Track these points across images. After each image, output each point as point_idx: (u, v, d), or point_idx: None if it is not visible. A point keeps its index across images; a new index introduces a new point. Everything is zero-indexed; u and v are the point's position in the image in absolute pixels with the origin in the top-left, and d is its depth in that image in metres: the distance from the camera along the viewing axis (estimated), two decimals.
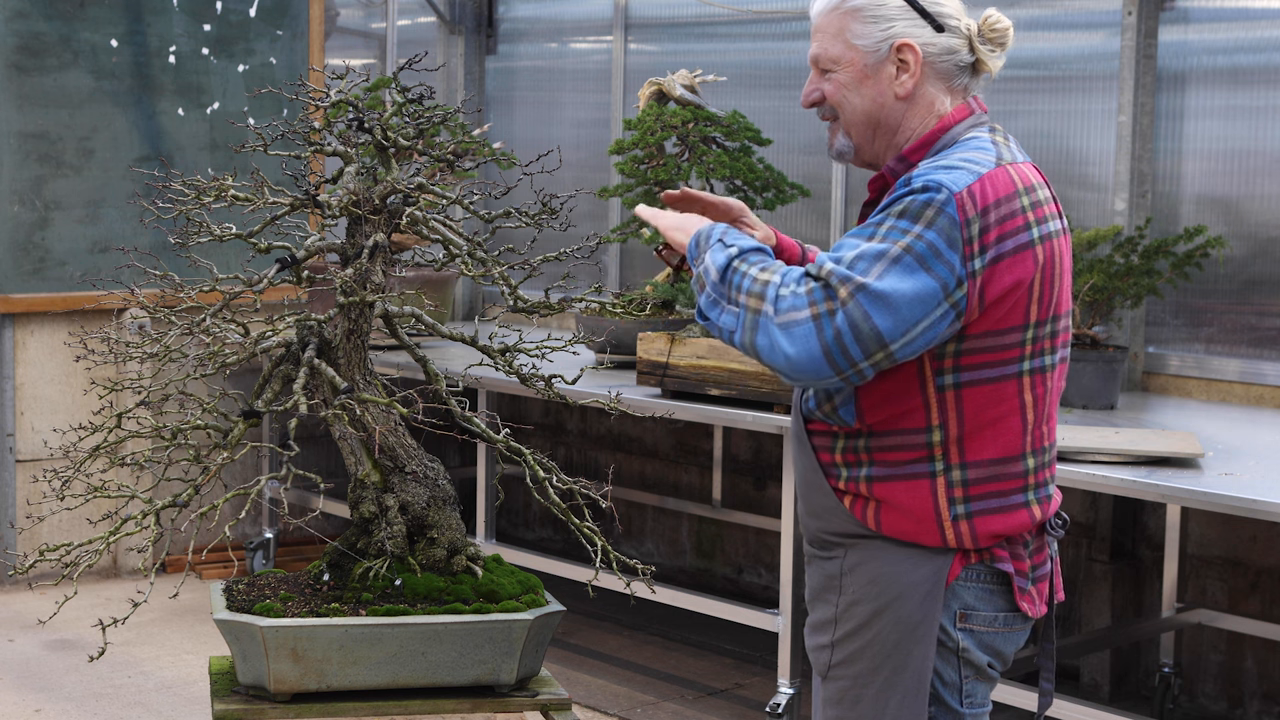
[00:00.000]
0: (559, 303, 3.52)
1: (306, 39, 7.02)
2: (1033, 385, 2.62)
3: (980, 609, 2.66)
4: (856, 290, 2.46)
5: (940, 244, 2.49)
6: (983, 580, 2.66)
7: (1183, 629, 5.24)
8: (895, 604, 2.64)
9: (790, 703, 4.86)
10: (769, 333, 2.50)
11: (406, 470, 3.45)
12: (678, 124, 5.56)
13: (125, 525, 3.25)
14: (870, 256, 2.49)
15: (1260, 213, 5.17)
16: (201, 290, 3.48)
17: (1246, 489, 3.89)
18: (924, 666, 2.64)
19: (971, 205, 2.51)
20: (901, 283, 2.47)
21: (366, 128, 3.44)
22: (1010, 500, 2.64)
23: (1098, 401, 4.88)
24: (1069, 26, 5.63)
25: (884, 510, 2.65)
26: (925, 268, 2.48)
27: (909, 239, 2.49)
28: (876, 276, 2.46)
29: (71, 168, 6.52)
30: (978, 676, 2.70)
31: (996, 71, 2.72)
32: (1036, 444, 2.65)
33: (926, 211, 2.50)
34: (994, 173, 2.56)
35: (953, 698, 2.68)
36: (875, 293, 2.46)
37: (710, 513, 6.62)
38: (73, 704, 5.23)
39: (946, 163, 2.57)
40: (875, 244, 2.50)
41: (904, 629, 2.64)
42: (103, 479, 3.36)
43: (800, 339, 2.47)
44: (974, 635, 2.67)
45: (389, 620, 3.29)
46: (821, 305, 2.47)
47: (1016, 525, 2.64)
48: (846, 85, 2.68)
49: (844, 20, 2.67)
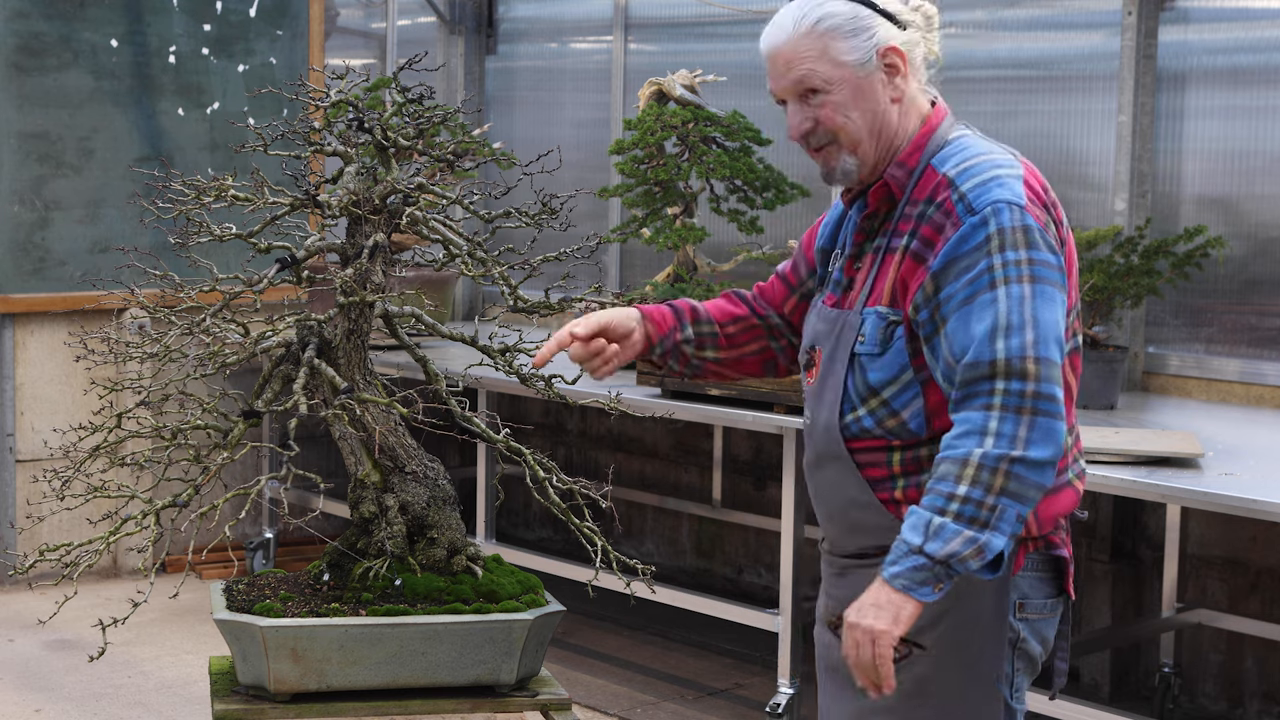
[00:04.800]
0: (559, 303, 3.52)
1: (306, 39, 7.02)
2: (1072, 366, 2.64)
3: (1033, 597, 2.65)
4: (1037, 354, 2.46)
5: (1048, 256, 2.53)
6: (1038, 569, 2.65)
7: (1183, 629, 5.24)
8: (964, 600, 2.58)
9: (790, 703, 4.86)
10: (1026, 467, 2.43)
11: (406, 470, 3.45)
12: (678, 124, 5.56)
13: (125, 525, 3.25)
14: (1016, 306, 2.48)
15: (1260, 213, 5.17)
16: (201, 290, 3.48)
17: (1246, 489, 3.89)
18: (996, 664, 2.61)
19: (1037, 208, 2.56)
20: (1049, 313, 2.50)
21: (366, 128, 3.44)
22: (1061, 479, 2.65)
23: (1098, 401, 4.88)
24: (1069, 26, 5.63)
25: None
26: (1051, 284, 2.51)
27: (1026, 268, 2.51)
28: (1033, 324, 2.47)
29: (71, 168, 6.52)
30: (1027, 669, 2.68)
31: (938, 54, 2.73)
32: (1069, 420, 2.64)
33: (1018, 234, 2.52)
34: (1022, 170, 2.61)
35: (1005, 688, 2.64)
36: (1043, 339, 2.47)
37: (710, 513, 6.61)
38: (73, 704, 5.23)
39: (980, 177, 2.57)
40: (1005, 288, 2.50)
41: (978, 625, 2.60)
42: (103, 479, 3.36)
43: (1043, 437, 2.45)
44: (1029, 624, 2.65)
45: (389, 620, 3.29)
46: (1025, 400, 2.44)
47: (1067, 503, 2.66)
48: (844, 104, 2.64)
49: (824, 41, 2.63)
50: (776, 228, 6.21)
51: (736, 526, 6.66)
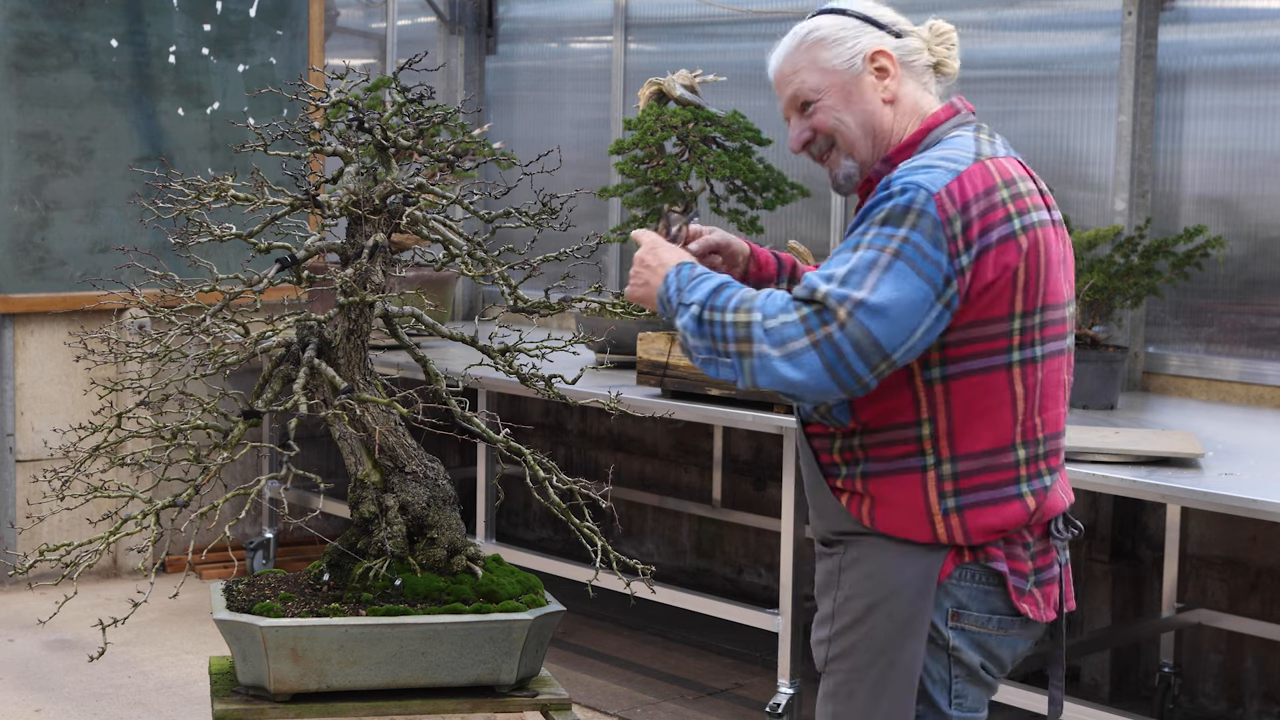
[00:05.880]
0: (559, 303, 3.52)
1: (306, 39, 7.02)
2: (1023, 376, 2.62)
3: (973, 609, 2.66)
4: (855, 308, 2.48)
5: (926, 245, 2.51)
6: (977, 580, 2.66)
7: (1183, 629, 5.24)
8: (888, 600, 2.65)
9: (790, 703, 4.86)
10: (770, 369, 2.52)
11: (406, 470, 3.45)
12: (678, 124, 5.56)
13: (125, 525, 3.25)
14: (862, 269, 2.51)
15: (1260, 213, 5.17)
16: (201, 290, 3.48)
17: (1246, 489, 3.89)
18: (914, 663, 2.64)
19: (951, 203, 2.53)
20: (896, 291, 2.49)
21: (366, 128, 3.44)
22: (1001, 492, 2.63)
23: (1098, 401, 4.88)
24: (1069, 26, 5.63)
25: (878, 506, 2.66)
26: (916, 271, 2.50)
27: (895, 243, 2.51)
28: (871, 289, 2.49)
29: (71, 168, 6.52)
30: (969, 678, 2.69)
31: (957, 71, 2.78)
32: (1029, 435, 2.64)
33: (909, 215, 2.52)
34: (971, 169, 2.59)
35: (941, 696, 2.67)
36: (873, 307, 2.48)
37: (710, 513, 6.62)
38: (73, 704, 5.23)
39: (924, 162, 2.60)
40: (863, 253, 2.52)
41: (895, 625, 2.64)
42: (103, 479, 3.36)
43: (805, 366, 2.50)
44: (966, 634, 2.66)
45: (389, 620, 3.28)
46: (819, 331, 2.49)
47: (1009, 518, 2.63)
48: (835, 107, 2.73)
49: (811, 52, 2.75)
50: (776, 228, 6.21)
51: (736, 526, 6.66)
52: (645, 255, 2.75)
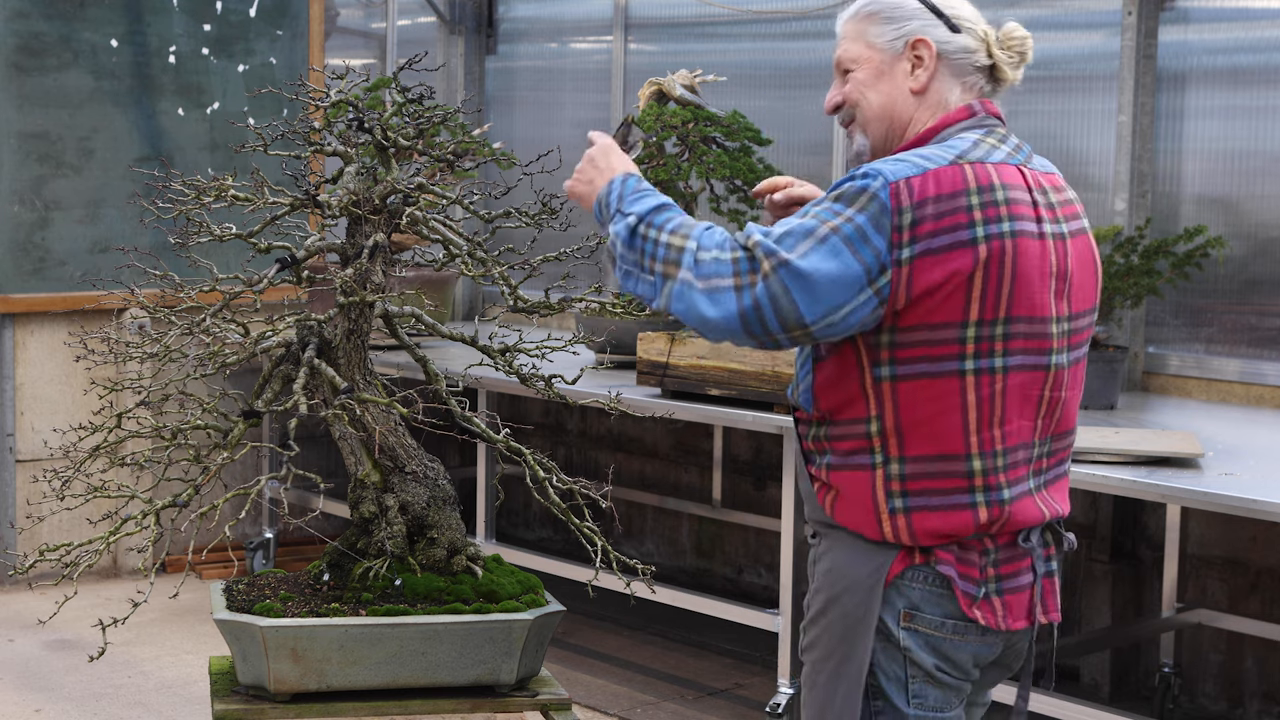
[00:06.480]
0: (559, 303, 3.52)
1: (306, 39, 7.02)
2: (977, 385, 2.57)
3: (925, 611, 2.63)
4: (779, 265, 2.51)
5: (868, 228, 2.51)
6: (929, 582, 2.63)
7: (1183, 629, 5.24)
8: (843, 596, 2.67)
9: (790, 703, 4.86)
10: (687, 298, 2.56)
11: (406, 470, 3.45)
12: (678, 124, 5.56)
13: (125, 525, 3.25)
14: (798, 234, 2.53)
15: (1260, 213, 5.17)
16: (201, 290, 3.48)
17: (1246, 489, 3.89)
18: (864, 660, 2.64)
19: (907, 196, 2.53)
20: (824, 263, 2.51)
21: (366, 128, 3.44)
22: (951, 499, 2.60)
23: (1098, 401, 4.88)
24: (1069, 26, 5.63)
25: (839, 499, 2.67)
26: (851, 249, 2.51)
27: (838, 220, 2.53)
28: (800, 255, 2.51)
29: (71, 168, 6.52)
30: (927, 679, 2.66)
31: (1016, 81, 2.75)
32: (986, 446, 2.59)
33: (861, 197, 2.53)
34: (944, 169, 2.56)
35: (898, 695, 2.66)
36: (796, 270, 2.50)
37: (710, 513, 6.62)
38: (73, 704, 5.23)
39: (899, 155, 2.61)
40: (805, 221, 2.55)
41: (848, 622, 2.66)
42: (103, 479, 3.36)
43: (720, 304, 2.54)
44: (918, 636, 2.64)
45: (389, 620, 3.29)
46: (745, 277, 2.53)
47: (957, 525, 2.60)
48: (864, 82, 2.74)
49: (863, 24, 2.75)
50: None
51: (736, 526, 6.66)
52: (596, 155, 2.85)
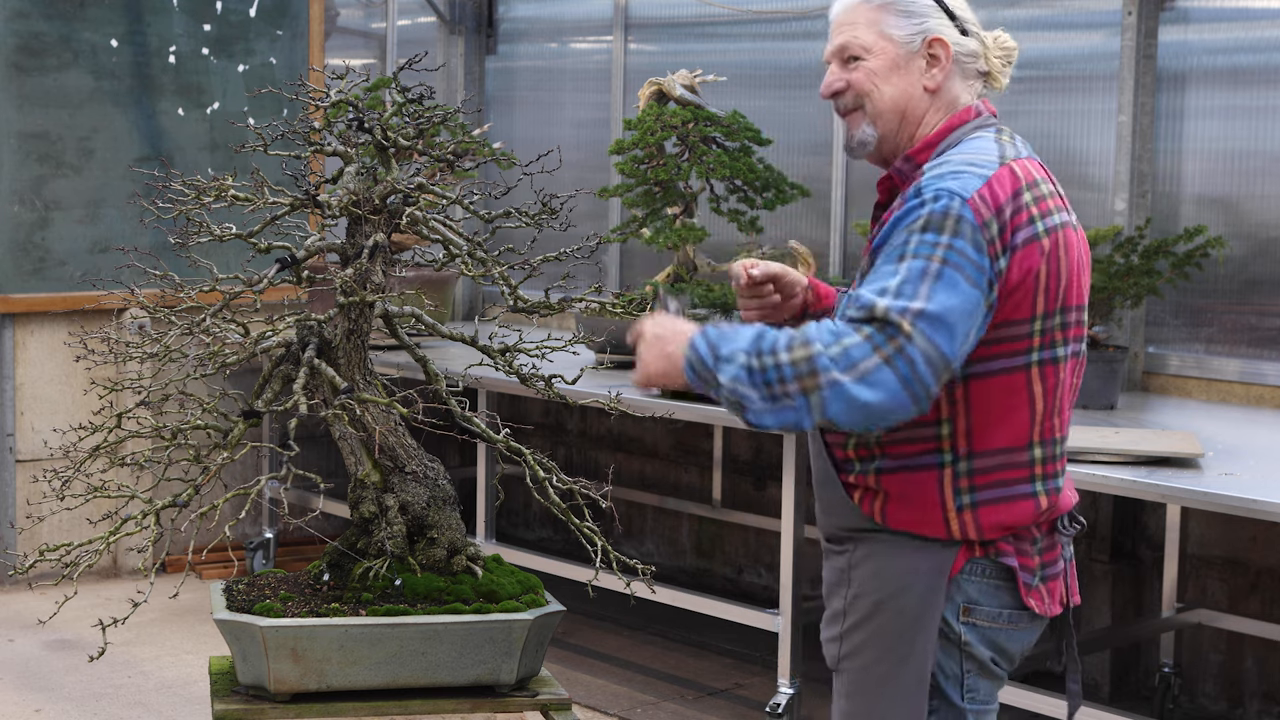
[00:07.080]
0: (559, 303, 3.52)
1: (306, 39, 7.02)
2: (1042, 376, 2.63)
3: (984, 604, 2.68)
4: (916, 317, 2.44)
5: (969, 250, 2.51)
6: (987, 575, 2.67)
7: (1183, 629, 5.24)
8: (897, 596, 2.66)
9: (790, 703, 4.86)
10: (843, 397, 2.43)
11: (406, 470, 3.45)
12: (678, 124, 5.56)
13: (125, 525, 3.25)
14: (914, 279, 2.48)
15: (1260, 213, 5.17)
16: (201, 290, 3.48)
17: (1246, 489, 3.89)
18: (925, 659, 2.65)
19: (986, 208, 2.54)
20: (950, 298, 2.47)
21: (366, 128, 3.44)
22: (1015, 490, 2.65)
23: (1098, 401, 4.88)
24: (1069, 26, 5.63)
25: (890, 503, 2.67)
26: (964, 276, 2.49)
27: (940, 251, 2.50)
28: (926, 298, 2.46)
29: (71, 168, 6.52)
30: (980, 672, 2.71)
31: (1004, 87, 2.80)
32: (1046, 434, 2.66)
33: (948, 221, 2.51)
34: (999, 172, 2.60)
35: (954, 691, 2.69)
36: (932, 315, 2.45)
37: (710, 513, 6.61)
38: (73, 704, 5.23)
39: (951, 168, 2.60)
40: (911, 263, 2.50)
41: (905, 621, 2.65)
42: (103, 479, 3.36)
43: (878, 384, 2.43)
44: (977, 630, 2.68)
45: (389, 620, 3.29)
46: (887, 347, 2.43)
47: (1021, 515, 2.65)
48: (877, 73, 2.72)
49: (877, 13, 2.73)
50: (776, 228, 6.21)
51: (736, 526, 6.66)
52: (654, 331, 2.62)
